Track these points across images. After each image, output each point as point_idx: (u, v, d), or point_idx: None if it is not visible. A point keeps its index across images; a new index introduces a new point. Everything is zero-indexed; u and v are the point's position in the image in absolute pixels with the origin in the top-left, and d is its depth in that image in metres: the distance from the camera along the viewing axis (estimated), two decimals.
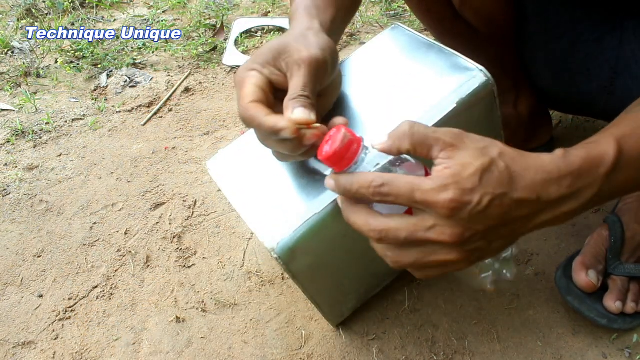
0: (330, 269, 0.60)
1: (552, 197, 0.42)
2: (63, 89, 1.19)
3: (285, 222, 0.52)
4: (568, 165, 0.43)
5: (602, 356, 0.67)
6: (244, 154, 0.59)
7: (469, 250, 0.43)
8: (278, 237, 0.51)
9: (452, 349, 0.68)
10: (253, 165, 0.58)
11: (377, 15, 1.36)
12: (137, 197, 0.92)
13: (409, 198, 0.41)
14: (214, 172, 0.59)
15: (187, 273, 0.80)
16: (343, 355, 0.68)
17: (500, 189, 0.41)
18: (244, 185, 0.56)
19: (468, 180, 0.40)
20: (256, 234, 0.52)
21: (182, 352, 0.70)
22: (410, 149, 0.43)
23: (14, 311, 0.77)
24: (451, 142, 0.42)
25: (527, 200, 0.42)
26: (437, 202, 0.40)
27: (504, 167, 0.41)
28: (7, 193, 0.95)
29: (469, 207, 0.40)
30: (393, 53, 0.64)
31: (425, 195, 0.40)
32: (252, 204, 0.55)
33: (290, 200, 0.53)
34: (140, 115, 1.11)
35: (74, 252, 0.84)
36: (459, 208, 0.40)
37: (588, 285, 0.65)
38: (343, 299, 0.68)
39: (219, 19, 1.37)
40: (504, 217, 0.42)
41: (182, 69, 1.23)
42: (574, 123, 0.97)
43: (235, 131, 1.05)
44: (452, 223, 0.41)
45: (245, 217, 0.54)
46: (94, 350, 0.71)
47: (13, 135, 1.07)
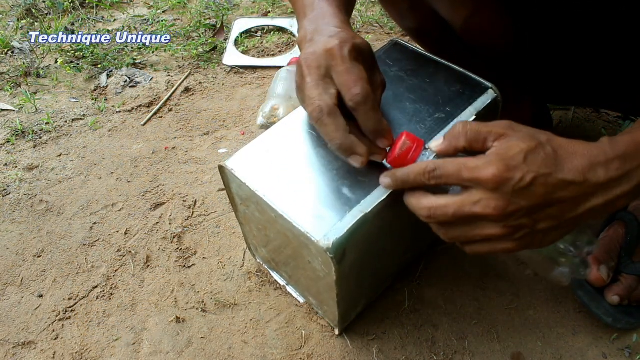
0: (361, 270, 0.60)
1: (600, 179, 0.43)
2: (63, 89, 1.19)
3: (336, 221, 0.51)
4: (614, 149, 0.43)
5: (602, 356, 0.67)
6: (267, 155, 0.58)
7: (513, 227, 0.44)
8: (332, 236, 0.50)
9: (452, 349, 0.68)
10: (280, 166, 0.57)
11: (377, 15, 1.36)
12: (137, 197, 0.92)
13: (457, 176, 0.44)
14: (239, 172, 0.57)
15: (187, 273, 0.80)
16: (343, 355, 0.68)
17: (545, 169, 0.42)
18: (277, 186, 0.55)
19: (513, 158, 0.43)
20: (307, 233, 0.51)
21: (182, 352, 0.70)
22: (466, 145, 0.46)
23: (14, 311, 0.77)
24: (502, 131, 0.45)
25: (574, 182, 0.43)
26: (481, 177, 0.43)
27: (550, 150, 0.43)
28: (7, 193, 0.95)
29: (512, 182, 0.42)
30: (399, 68, 0.66)
31: (472, 172, 0.43)
32: (291, 204, 0.53)
33: (336, 200, 0.53)
34: (140, 115, 1.11)
35: (74, 252, 0.84)
36: (502, 182, 0.42)
37: (597, 280, 0.65)
38: (357, 304, 0.68)
39: (219, 19, 1.37)
40: (548, 197, 0.43)
41: (182, 69, 1.23)
42: (574, 123, 0.97)
43: (235, 131, 1.05)
44: (496, 196, 0.43)
45: (290, 216, 0.52)
46: (94, 350, 0.71)
47: (13, 135, 1.07)
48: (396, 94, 0.62)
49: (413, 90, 0.63)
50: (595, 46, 0.70)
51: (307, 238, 0.51)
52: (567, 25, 0.69)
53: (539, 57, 0.77)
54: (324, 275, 0.56)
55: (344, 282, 0.56)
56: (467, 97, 0.61)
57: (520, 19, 0.71)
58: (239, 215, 0.68)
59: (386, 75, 0.64)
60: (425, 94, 0.62)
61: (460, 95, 0.61)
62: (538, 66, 0.79)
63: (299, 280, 0.68)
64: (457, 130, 0.47)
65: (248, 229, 0.69)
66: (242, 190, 0.58)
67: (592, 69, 0.73)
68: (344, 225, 0.51)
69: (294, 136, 0.60)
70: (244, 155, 0.59)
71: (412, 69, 0.65)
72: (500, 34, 0.72)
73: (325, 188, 0.54)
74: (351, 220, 0.51)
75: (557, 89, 0.84)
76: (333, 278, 0.54)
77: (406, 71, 0.65)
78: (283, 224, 0.54)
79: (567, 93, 0.85)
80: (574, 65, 0.75)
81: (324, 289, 0.60)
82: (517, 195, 0.43)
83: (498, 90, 0.62)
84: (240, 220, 0.69)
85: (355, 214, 0.52)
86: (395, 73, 0.65)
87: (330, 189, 0.54)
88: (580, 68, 0.75)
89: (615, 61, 0.69)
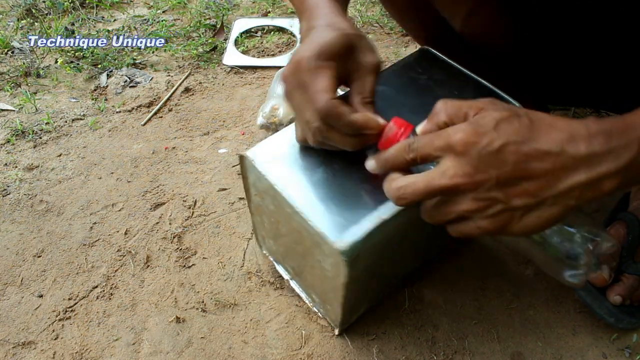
0: (369, 275, 0.60)
1: (581, 151, 0.39)
2: (63, 89, 1.19)
3: (353, 224, 0.51)
4: (599, 125, 0.40)
5: (602, 356, 0.67)
6: (289, 149, 0.57)
7: (485, 200, 0.41)
8: (349, 239, 0.50)
9: (452, 349, 0.68)
10: (301, 164, 0.56)
11: (377, 15, 1.36)
12: (137, 197, 0.92)
13: (430, 145, 0.44)
14: (260, 164, 0.56)
15: (187, 273, 0.80)
16: (343, 355, 0.68)
17: (516, 137, 0.40)
18: (297, 183, 0.54)
19: (483, 125, 0.41)
20: (322, 233, 0.50)
21: (182, 352, 0.70)
22: (447, 120, 0.45)
23: (14, 311, 0.77)
24: (482, 105, 0.44)
25: (549, 152, 0.40)
26: (450, 141, 0.42)
27: (526, 121, 0.41)
28: (7, 193, 0.95)
29: (478, 146, 0.40)
30: (428, 77, 0.65)
31: (442, 138, 0.43)
32: (309, 202, 0.53)
33: (355, 203, 0.52)
34: (140, 115, 1.11)
35: (74, 252, 0.84)
36: (469, 145, 0.40)
37: (599, 280, 0.65)
38: (360, 306, 0.68)
39: (219, 19, 1.37)
40: (520, 166, 0.40)
41: (182, 69, 1.23)
42: None
43: (235, 131, 1.05)
44: (463, 162, 0.41)
45: (307, 215, 0.52)
46: (94, 350, 0.71)
47: (13, 135, 1.07)
48: (423, 102, 0.61)
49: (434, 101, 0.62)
50: (595, 46, 0.70)
51: (322, 238, 0.51)
52: (567, 26, 0.70)
53: (539, 57, 0.77)
54: (333, 277, 0.56)
55: (352, 285, 0.56)
56: None
57: (520, 19, 0.71)
58: (251, 205, 0.67)
59: (414, 83, 0.64)
60: None
61: None
62: (538, 66, 0.79)
63: (305, 276, 0.68)
64: (437, 107, 0.46)
65: (259, 220, 0.69)
66: (260, 182, 0.58)
67: (592, 69, 0.73)
68: (360, 229, 0.50)
69: None
70: (266, 147, 0.58)
71: (441, 80, 0.65)
72: (500, 33, 0.72)
73: (345, 190, 0.53)
74: (368, 225, 0.51)
75: (557, 89, 0.84)
76: (342, 281, 0.54)
77: (435, 81, 0.64)
78: (298, 220, 0.53)
79: (567, 93, 0.85)
80: (574, 65, 0.75)
81: (330, 289, 0.60)
82: (485, 162, 0.40)
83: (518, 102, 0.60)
84: (252, 210, 0.69)
85: (373, 219, 0.51)
86: (424, 81, 0.64)
87: (350, 191, 0.53)
88: (580, 68, 0.75)
89: (615, 61, 0.69)
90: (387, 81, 0.64)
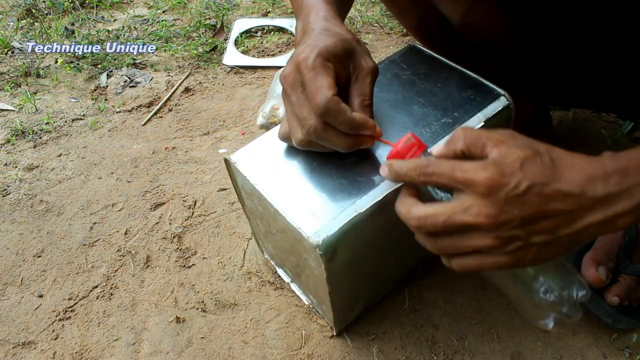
0: (356, 271, 0.60)
1: (598, 193, 0.40)
2: (63, 89, 1.19)
3: (329, 219, 0.51)
4: (615, 163, 0.41)
5: (602, 356, 0.67)
6: (271, 152, 0.59)
7: (505, 238, 0.42)
8: (323, 234, 0.51)
9: (452, 349, 0.68)
10: (282, 163, 0.58)
11: (377, 15, 1.36)
12: (137, 197, 0.92)
13: (449, 176, 0.43)
14: (242, 166, 0.57)
15: (187, 273, 0.80)
16: (343, 355, 0.68)
17: (540, 178, 0.41)
18: (277, 182, 0.56)
19: (509, 165, 0.41)
20: (299, 228, 0.51)
21: (182, 352, 0.70)
22: (464, 149, 0.45)
23: (14, 311, 0.77)
24: (502, 138, 0.43)
25: (570, 194, 0.40)
26: (474, 179, 0.41)
27: (548, 160, 0.41)
28: (7, 193, 0.95)
29: (506, 188, 0.40)
30: (412, 71, 0.66)
31: (465, 173, 0.42)
32: (288, 200, 0.54)
33: (332, 198, 0.53)
34: (140, 115, 1.11)
35: (74, 252, 0.84)
36: (496, 187, 0.41)
37: (596, 281, 0.65)
38: (354, 305, 0.68)
39: (219, 19, 1.37)
40: (543, 207, 0.41)
41: (182, 69, 1.23)
42: (575, 123, 0.97)
43: (235, 131, 1.05)
44: (489, 203, 0.41)
45: (285, 212, 0.53)
46: (94, 350, 0.71)
47: (13, 135, 1.07)
48: (405, 97, 0.62)
49: (423, 94, 0.62)
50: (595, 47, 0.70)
51: (300, 234, 0.52)
52: (567, 26, 0.69)
53: (539, 56, 0.77)
54: (318, 273, 0.56)
55: (335, 280, 0.57)
56: (478, 104, 0.60)
57: (520, 18, 0.71)
58: (245, 209, 0.68)
59: (398, 79, 0.64)
60: (434, 98, 0.62)
61: (471, 101, 0.61)
62: (538, 66, 0.79)
63: (300, 277, 0.68)
64: (457, 134, 0.46)
65: (255, 224, 0.70)
66: (245, 184, 0.59)
67: (592, 69, 0.73)
68: (335, 224, 0.51)
69: None
70: (249, 150, 0.59)
71: (425, 73, 0.65)
72: (499, 31, 0.71)
73: (323, 186, 0.54)
74: (344, 219, 0.51)
75: (557, 89, 0.84)
76: (324, 275, 0.54)
77: (419, 75, 0.65)
78: (280, 219, 0.54)
79: (567, 94, 0.85)
80: (574, 65, 0.75)
81: (319, 286, 0.61)
82: (511, 204, 0.41)
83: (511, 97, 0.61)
84: (247, 214, 0.70)
85: (348, 213, 0.52)
86: (407, 76, 0.65)
87: (327, 188, 0.54)
88: (580, 68, 0.75)
89: (615, 63, 0.69)
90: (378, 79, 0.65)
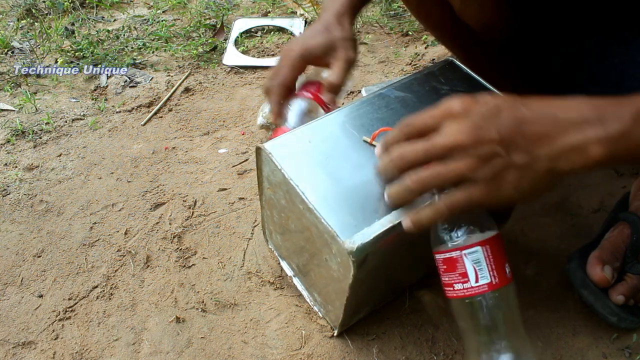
0: (374, 278, 0.60)
1: (571, 116, 0.43)
2: (63, 89, 1.19)
3: (365, 227, 0.51)
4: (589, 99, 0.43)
5: (602, 356, 0.67)
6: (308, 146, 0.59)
7: (486, 157, 0.43)
8: (359, 241, 0.51)
9: (452, 349, 0.68)
10: (318, 160, 0.57)
11: (377, 15, 1.36)
12: (137, 197, 0.92)
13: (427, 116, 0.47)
14: (277, 157, 0.57)
15: (187, 273, 0.80)
16: (343, 355, 0.68)
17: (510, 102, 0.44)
18: (313, 179, 0.55)
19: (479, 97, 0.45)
20: (334, 231, 0.51)
21: (182, 352, 0.70)
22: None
23: (14, 311, 0.77)
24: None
25: (542, 115, 0.43)
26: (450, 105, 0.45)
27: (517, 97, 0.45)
28: (7, 193, 0.95)
29: (479, 107, 0.44)
30: (450, 88, 0.66)
31: (439, 108, 0.46)
32: (324, 200, 0.53)
33: (368, 205, 0.53)
34: (140, 115, 1.11)
35: (74, 252, 0.84)
36: (470, 108, 0.44)
37: (602, 280, 0.65)
38: (361, 309, 0.68)
39: (219, 19, 1.37)
40: (518, 129, 0.43)
41: (182, 69, 1.23)
42: None
43: (236, 131, 1.05)
44: (465, 122, 0.44)
45: (321, 212, 0.52)
46: (94, 350, 0.71)
47: (13, 135, 1.07)
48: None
49: None
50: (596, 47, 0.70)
51: (332, 237, 0.51)
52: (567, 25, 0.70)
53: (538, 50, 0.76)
54: (339, 277, 0.56)
55: (357, 287, 0.56)
56: None
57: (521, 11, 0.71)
58: (262, 198, 0.68)
59: (437, 93, 0.66)
60: None
61: None
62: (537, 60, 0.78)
63: (309, 274, 0.68)
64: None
65: (268, 214, 0.70)
66: (274, 176, 0.59)
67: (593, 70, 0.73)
68: (371, 232, 0.51)
69: (338, 132, 0.60)
70: (284, 141, 0.59)
71: (462, 91, 0.66)
72: (499, 17, 0.71)
73: (359, 191, 0.54)
74: (379, 228, 0.51)
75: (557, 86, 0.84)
76: (348, 282, 0.54)
77: (456, 92, 0.66)
78: (309, 217, 0.54)
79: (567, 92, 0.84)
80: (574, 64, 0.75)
81: (334, 289, 0.60)
82: (487, 121, 0.43)
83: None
84: (263, 204, 0.70)
85: (384, 222, 0.52)
86: (445, 91, 0.66)
87: (364, 193, 0.54)
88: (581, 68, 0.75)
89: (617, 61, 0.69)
90: (409, 88, 0.65)
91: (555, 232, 0.80)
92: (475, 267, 0.50)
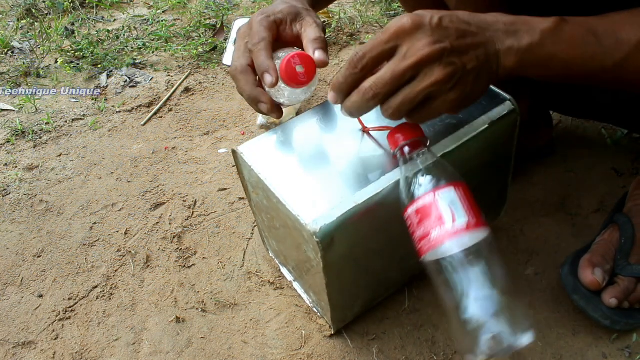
0: (355, 266, 0.61)
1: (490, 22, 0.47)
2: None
3: (328, 208, 0.52)
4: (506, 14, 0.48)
5: (602, 356, 0.67)
6: (279, 145, 0.60)
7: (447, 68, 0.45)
8: (321, 222, 0.51)
9: (452, 349, 0.68)
10: (289, 156, 0.59)
11: (377, 15, 1.36)
12: (137, 197, 0.92)
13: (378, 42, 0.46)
14: (249, 157, 0.59)
15: (187, 273, 0.80)
16: (343, 355, 0.68)
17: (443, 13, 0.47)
18: (281, 173, 0.57)
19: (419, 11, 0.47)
20: (297, 216, 0.52)
21: (182, 352, 0.70)
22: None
23: (14, 311, 0.77)
24: None
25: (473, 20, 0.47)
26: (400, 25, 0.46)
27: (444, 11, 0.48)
28: (7, 193, 0.95)
29: (426, 20, 0.46)
30: None
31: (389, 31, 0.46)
32: (290, 190, 0.55)
33: (333, 190, 0.54)
34: (140, 115, 1.11)
35: (74, 252, 0.84)
36: (419, 22, 0.46)
37: (593, 284, 0.65)
38: (352, 303, 0.68)
39: (219, 19, 1.37)
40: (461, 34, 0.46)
41: (182, 69, 1.23)
42: (574, 123, 0.97)
43: (236, 131, 1.05)
44: (420, 36, 0.45)
45: (285, 200, 0.54)
46: (94, 350, 0.72)
47: (13, 135, 1.07)
48: None
49: None
50: None
51: (299, 222, 0.53)
52: None
53: None
54: (316, 264, 0.57)
55: (333, 273, 0.57)
56: (483, 107, 0.61)
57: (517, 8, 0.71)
58: (251, 204, 0.69)
59: None
60: None
61: (476, 104, 0.61)
62: None
63: (301, 274, 0.68)
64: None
65: (260, 219, 0.71)
66: (252, 176, 0.60)
67: None
68: (334, 213, 0.52)
69: (310, 131, 0.62)
70: (257, 142, 0.61)
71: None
72: None
73: (327, 179, 0.56)
74: (342, 208, 0.52)
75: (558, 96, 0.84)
76: (321, 266, 0.55)
77: None
78: (282, 209, 0.55)
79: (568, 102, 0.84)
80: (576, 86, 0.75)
81: (317, 280, 0.61)
82: (437, 33, 0.45)
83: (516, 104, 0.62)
84: (253, 209, 0.70)
85: (347, 203, 0.53)
86: None
87: (331, 181, 0.56)
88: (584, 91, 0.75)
89: None
90: None
91: (555, 232, 0.80)
92: (452, 207, 0.49)
